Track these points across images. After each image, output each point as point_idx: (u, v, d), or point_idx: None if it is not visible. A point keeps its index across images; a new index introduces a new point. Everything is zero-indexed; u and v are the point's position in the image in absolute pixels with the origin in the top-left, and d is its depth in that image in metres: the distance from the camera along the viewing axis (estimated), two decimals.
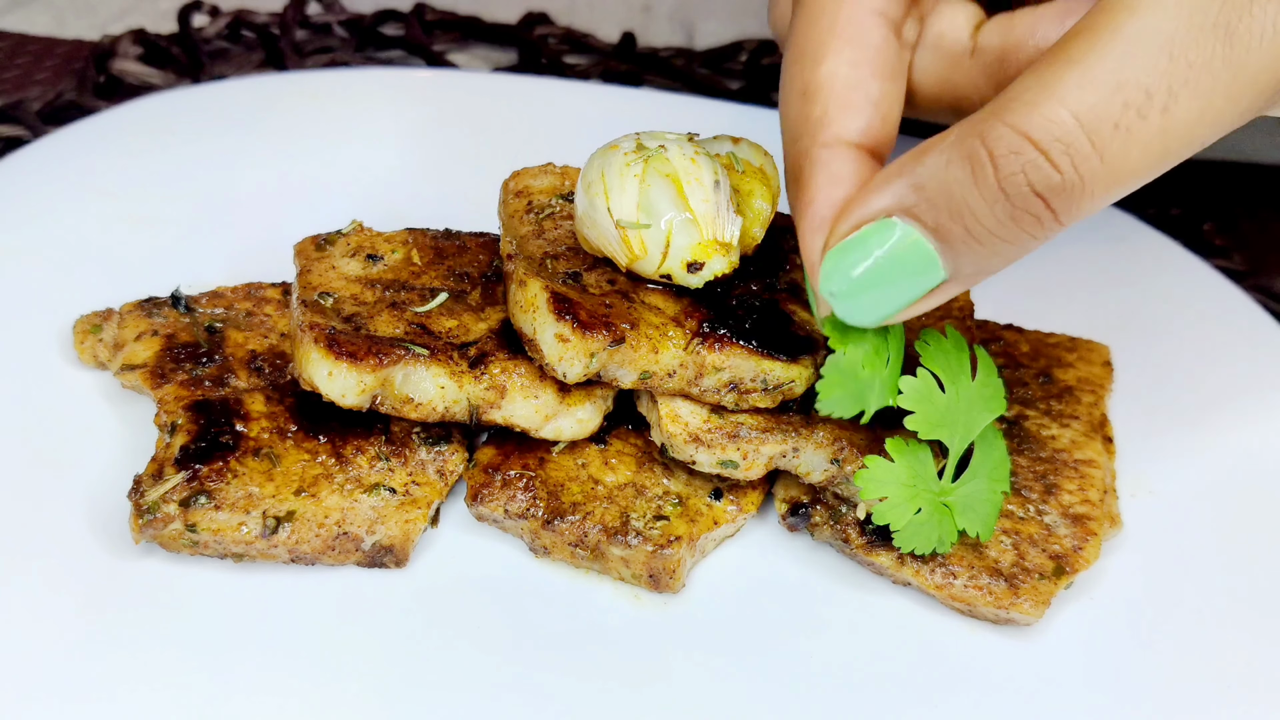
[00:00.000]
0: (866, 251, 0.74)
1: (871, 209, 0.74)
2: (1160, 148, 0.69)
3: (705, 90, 1.46)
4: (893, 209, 0.73)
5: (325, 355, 0.86)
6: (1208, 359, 1.08)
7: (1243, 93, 0.70)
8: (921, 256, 0.73)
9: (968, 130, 0.70)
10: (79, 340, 1.00)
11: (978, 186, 0.70)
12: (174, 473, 0.87)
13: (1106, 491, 0.95)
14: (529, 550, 0.92)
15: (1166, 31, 0.68)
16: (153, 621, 0.85)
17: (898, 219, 0.73)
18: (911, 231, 0.73)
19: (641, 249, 0.85)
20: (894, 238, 0.73)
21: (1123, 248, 1.18)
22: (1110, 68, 0.68)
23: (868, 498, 0.85)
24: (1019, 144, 0.68)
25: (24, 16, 1.54)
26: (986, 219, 0.70)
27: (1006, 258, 0.73)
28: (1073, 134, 0.68)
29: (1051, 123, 0.68)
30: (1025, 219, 0.70)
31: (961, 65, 0.85)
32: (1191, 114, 0.69)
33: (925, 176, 0.72)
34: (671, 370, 0.86)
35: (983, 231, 0.71)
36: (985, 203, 0.70)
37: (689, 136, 0.89)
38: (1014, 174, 0.68)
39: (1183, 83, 0.68)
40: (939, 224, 0.72)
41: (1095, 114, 0.68)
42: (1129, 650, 0.88)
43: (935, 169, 0.71)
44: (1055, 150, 0.68)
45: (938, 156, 0.71)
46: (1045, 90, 0.68)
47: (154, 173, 1.19)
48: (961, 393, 0.84)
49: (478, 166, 1.17)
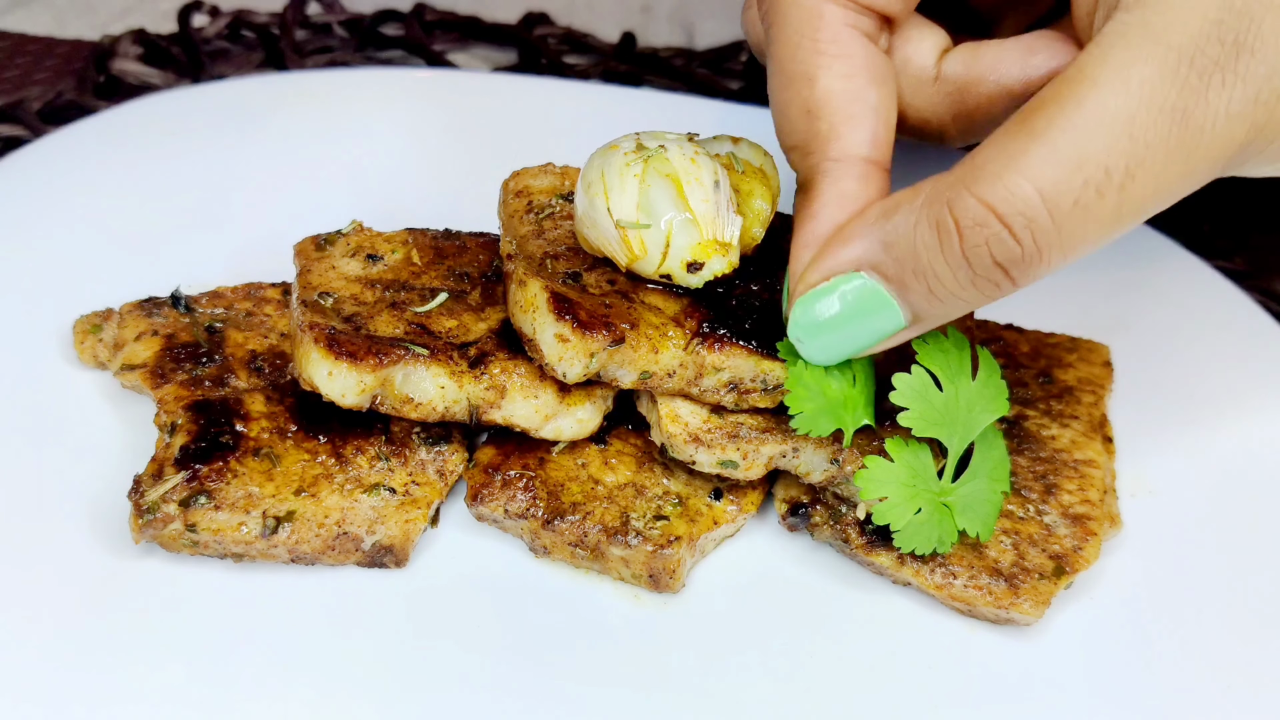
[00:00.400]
0: (832, 300, 0.79)
1: (840, 261, 0.78)
2: (1114, 221, 0.73)
3: (705, 90, 1.46)
4: (860, 263, 0.78)
5: (325, 355, 0.86)
6: (1208, 359, 1.08)
7: (1195, 169, 0.73)
8: (883, 306, 0.78)
9: (936, 195, 0.74)
10: (79, 340, 1.00)
11: (943, 253, 0.74)
12: (174, 473, 0.87)
13: (1106, 491, 0.95)
14: (529, 550, 0.92)
15: (1126, 111, 0.71)
16: (153, 621, 0.85)
17: (864, 272, 0.77)
18: (875, 284, 0.77)
19: (641, 249, 0.85)
20: (859, 288, 0.78)
21: (1123, 248, 1.18)
22: (1072, 144, 0.71)
23: (868, 498, 0.85)
24: (984, 216, 0.72)
25: (24, 16, 1.54)
26: (949, 282, 0.75)
27: (963, 310, 0.78)
28: (1034, 208, 0.71)
29: (1015, 196, 0.71)
30: (985, 284, 0.75)
31: (924, 91, 0.87)
32: (1147, 190, 0.72)
33: (893, 236, 0.76)
34: (671, 370, 0.86)
35: (944, 291, 0.76)
36: (949, 268, 0.74)
37: (689, 136, 0.89)
38: (978, 245, 0.73)
39: (1139, 162, 0.71)
40: (903, 280, 0.76)
41: (1057, 189, 0.71)
42: (1129, 650, 0.88)
43: (903, 230, 0.75)
44: (1017, 224, 0.71)
45: (906, 217, 0.75)
46: (1011, 163, 0.72)
47: (154, 173, 1.19)
48: (961, 392, 0.84)
49: (478, 166, 1.17)
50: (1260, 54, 0.72)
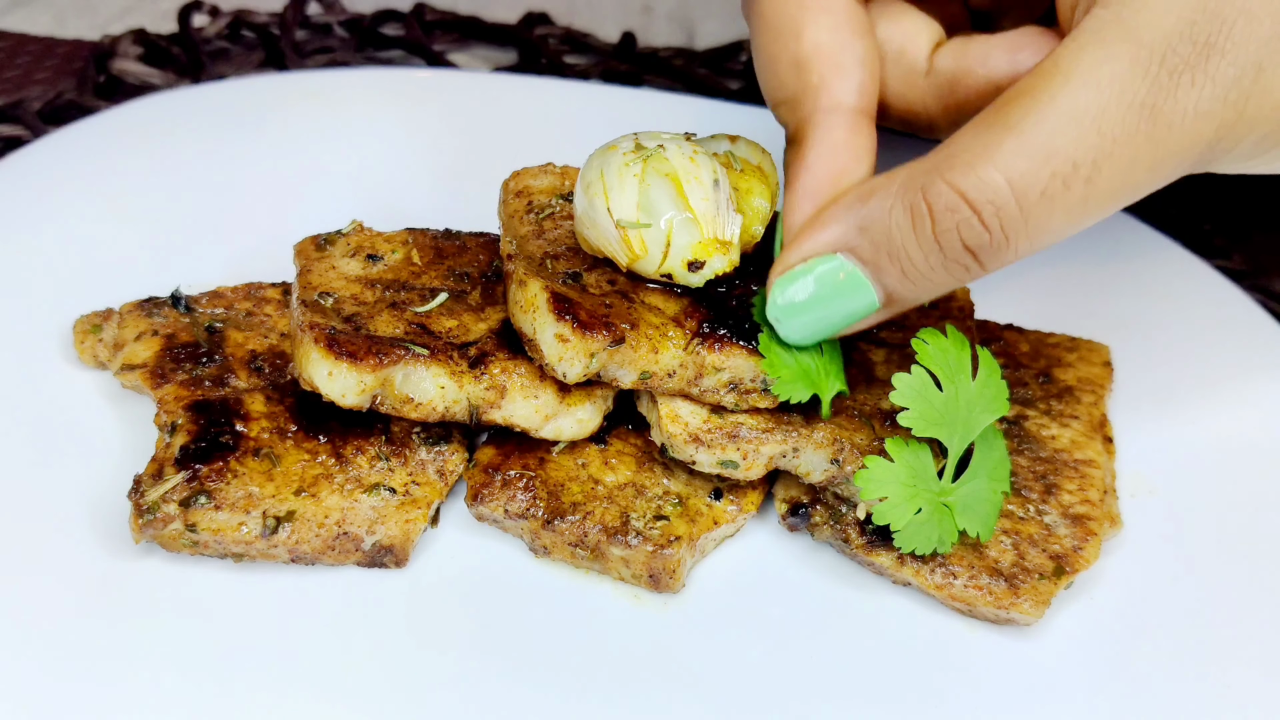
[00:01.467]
0: (808, 281, 0.81)
1: (818, 244, 0.81)
2: (1080, 212, 0.76)
3: (705, 90, 1.46)
4: (837, 246, 0.81)
5: (325, 355, 0.86)
6: (1208, 359, 1.08)
7: (1162, 165, 0.76)
8: (858, 288, 0.81)
9: (911, 181, 0.77)
10: (79, 340, 1.00)
11: (916, 236, 0.77)
12: (174, 473, 0.87)
13: (1106, 491, 0.95)
14: (529, 550, 0.92)
15: (1095, 106, 0.73)
16: (153, 621, 0.85)
17: (840, 255, 0.80)
18: (851, 265, 0.80)
19: (642, 248, 0.85)
20: (835, 270, 0.80)
21: (1123, 248, 1.18)
22: (1042, 137, 0.74)
23: (868, 498, 0.85)
24: (956, 203, 0.75)
25: (24, 16, 1.54)
26: (920, 264, 0.78)
27: (934, 293, 0.81)
28: (1004, 198, 0.74)
29: (986, 185, 0.74)
30: (955, 267, 0.78)
31: (916, 83, 0.89)
32: (1114, 183, 0.75)
33: (869, 219, 0.79)
34: (671, 370, 0.86)
35: (916, 273, 0.79)
36: (921, 250, 0.78)
37: (686, 136, 0.89)
38: (949, 230, 0.76)
39: (1107, 156, 0.74)
40: (878, 263, 0.80)
41: (1025, 181, 0.74)
42: (1129, 650, 0.88)
43: (879, 214, 0.79)
44: (987, 211, 0.75)
45: (882, 201, 0.78)
46: (984, 152, 0.75)
47: (154, 173, 1.19)
48: (961, 392, 0.84)
49: (478, 166, 1.17)
50: (1230, 55, 0.74)
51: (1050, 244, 0.77)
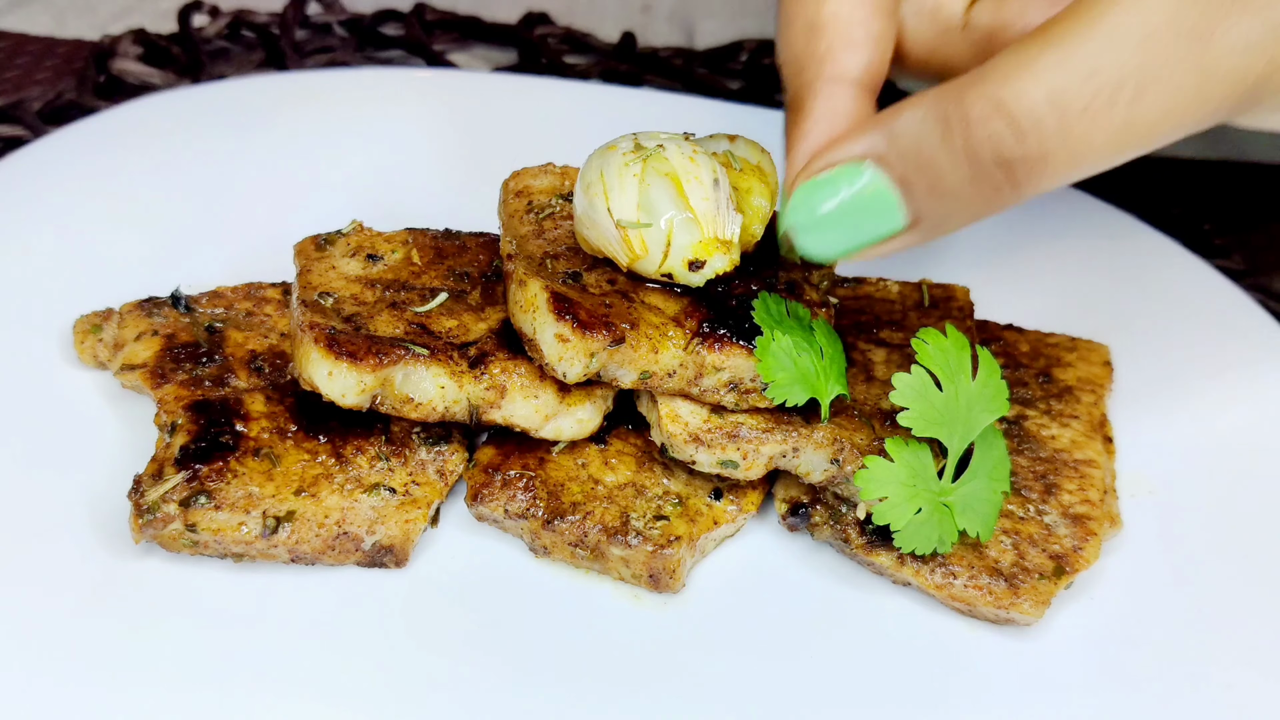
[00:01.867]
0: (835, 190, 0.79)
1: (846, 152, 0.78)
2: (1122, 137, 0.72)
3: (705, 90, 1.46)
4: (865, 154, 0.77)
5: (325, 355, 0.86)
6: (1208, 359, 1.08)
7: (1209, 97, 0.73)
8: (884, 202, 0.77)
9: (946, 93, 0.74)
10: (79, 340, 1.00)
11: (946, 147, 0.74)
12: (174, 473, 0.87)
13: (1106, 491, 0.95)
14: (529, 550, 0.92)
15: (1146, 28, 0.71)
16: (153, 621, 0.85)
17: (868, 164, 0.77)
18: (879, 177, 0.77)
19: (642, 248, 0.85)
20: (862, 181, 0.77)
21: (1123, 248, 1.18)
22: (1087, 54, 0.71)
23: (868, 498, 0.85)
24: (990, 112, 0.72)
25: (24, 16, 1.54)
26: (950, 178, 0.74)
27: (964, 218, 0.77)
28: (1042, 110, 0.71)
29: (1024, 97, 0.71)
30: (985, 184, 0.74)
31: (951, 38, 0.88)
32: (1157, 109, 0.72)
33: (900, 130, 0.76)
34: (671, 370, 0.86)
35: (945, 190, 0.75)
36: (951, 163, 0.74)
37: (685, 136, 0.89)
38: (981, 140, 0.72)
39: (1154, 79, 0.71)
40: (905, 175, 0.76)
41: (1066, 95, 0.71)
42: (1129, 650, 0.88)
43: (910, 124, 0.75)
44: (1025, 123, 0.71)
45: (914, 112, 0.75)
46: (1023, 66, 0.71)
47: (154, 173, 1.19)
48: (961, 392, 0.84)
49: (478, 166, 1.17)
50: None
51: (1087, 172, 0.74)
